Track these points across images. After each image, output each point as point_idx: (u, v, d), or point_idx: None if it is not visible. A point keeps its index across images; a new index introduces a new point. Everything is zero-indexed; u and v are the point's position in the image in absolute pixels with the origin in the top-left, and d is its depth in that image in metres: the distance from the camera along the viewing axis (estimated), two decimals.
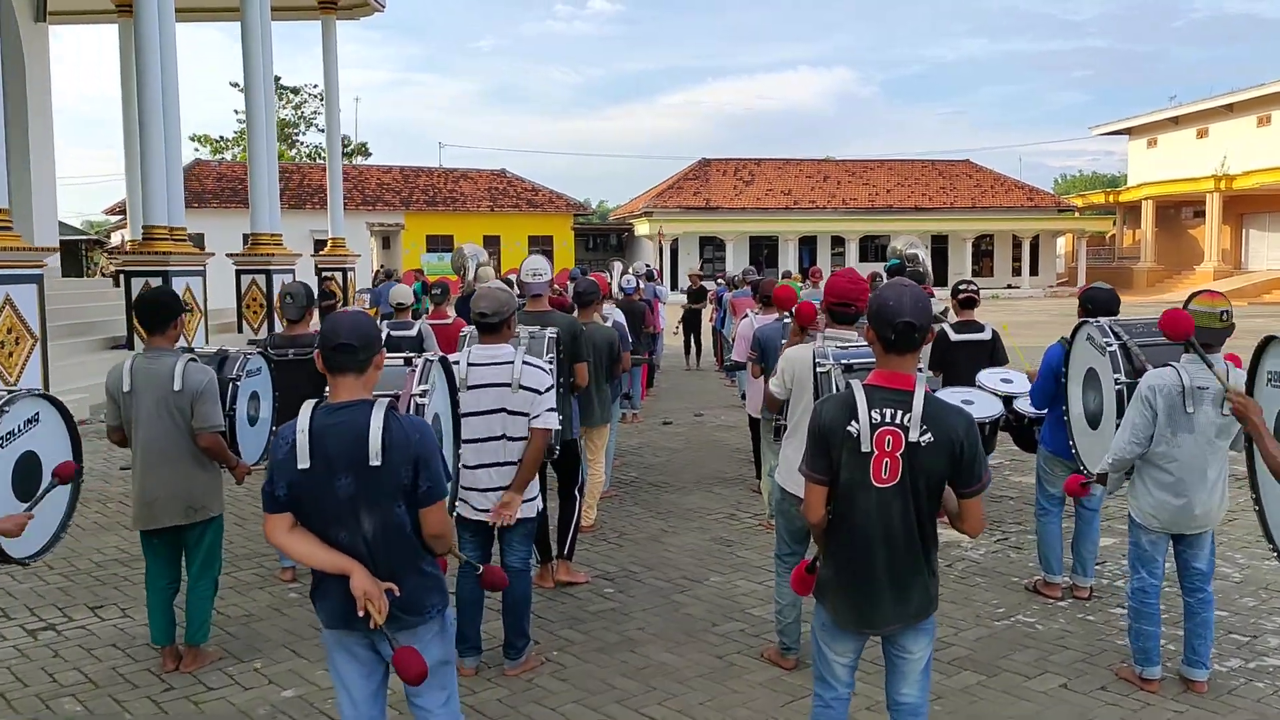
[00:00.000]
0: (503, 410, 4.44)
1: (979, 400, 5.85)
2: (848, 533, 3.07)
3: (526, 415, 4.43)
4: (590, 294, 6.91)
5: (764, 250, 46.46)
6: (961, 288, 6.78)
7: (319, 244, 43.68)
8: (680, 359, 17.10)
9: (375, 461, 2.87)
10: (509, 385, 4.42)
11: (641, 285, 12.81)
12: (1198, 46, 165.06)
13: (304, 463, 2.90)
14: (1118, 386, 4.43)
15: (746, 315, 8.67)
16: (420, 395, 3.55)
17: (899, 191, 49.18)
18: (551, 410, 4.43)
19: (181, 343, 4.80)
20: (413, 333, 7.53)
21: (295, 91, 70.40)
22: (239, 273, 19.55)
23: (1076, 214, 51.06)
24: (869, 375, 3.08)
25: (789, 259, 44.19)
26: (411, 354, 3.93)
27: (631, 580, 5.96)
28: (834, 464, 3.03)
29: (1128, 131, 54.30)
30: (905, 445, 2.95)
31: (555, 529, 5.92)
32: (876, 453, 2.97)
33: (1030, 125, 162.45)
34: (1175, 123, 49.98)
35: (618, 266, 14.56)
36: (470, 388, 4.41)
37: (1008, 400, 5.99)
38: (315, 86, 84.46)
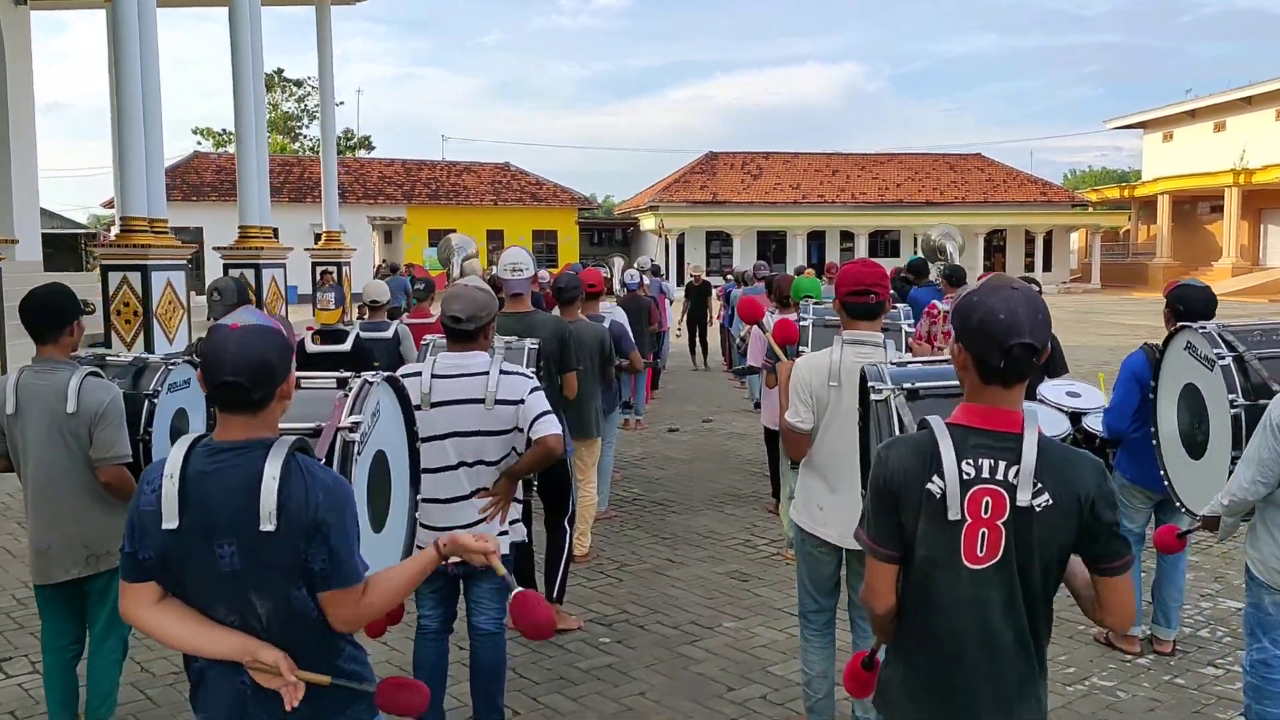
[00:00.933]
0: (475, 433, 3.60)
1: (1040, 416, 4.99)
2: (927, 627, 2.21)
3: (506, 433, 3.60)
4: (572, 289, 6.01)
5: (772, 245, 45.56)
6: None
7: (317, 237, 43.14)
8: (686, 359, 16.22)
9: (267, 526, 2.05)
10: (483, 401, 3.58)
11: (646, 281, 11.97)
12: (1208, 41, 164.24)
13: (170, 522, 2.08)
14: (1234, 410, 3.57)
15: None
16: (350, 430, 2.70)
17: (909, 186, 48.27)
18: (548, 413, 3.59)
19: (138, 353, 3.95)
20: (388, 334, 6.69)
21: (298, 84, 69.65)
22: (226, 267, 18.69)
23: (1090, 209, 50.11)
24: (955, 411, 2.22)
25: (797, 254, 43.30)
26: (349, 373, 3.07)
27: (632, 626, 5.12)
28: (906, 533, 2.18)
29: (1143, 125, 53.32)
30: (1011, 510, 2.10)
31: (542, 567, 5.08)
32: (970, 521, 2.12)
33: (1037, 121, 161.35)
34: (1192, 116, 48.96)
35: (618, 262, 13.73)
36: (434, 405, 3.57)
37: (1075, 417, 5.13)
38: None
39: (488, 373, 3.61)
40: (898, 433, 2.77)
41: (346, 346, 5.94)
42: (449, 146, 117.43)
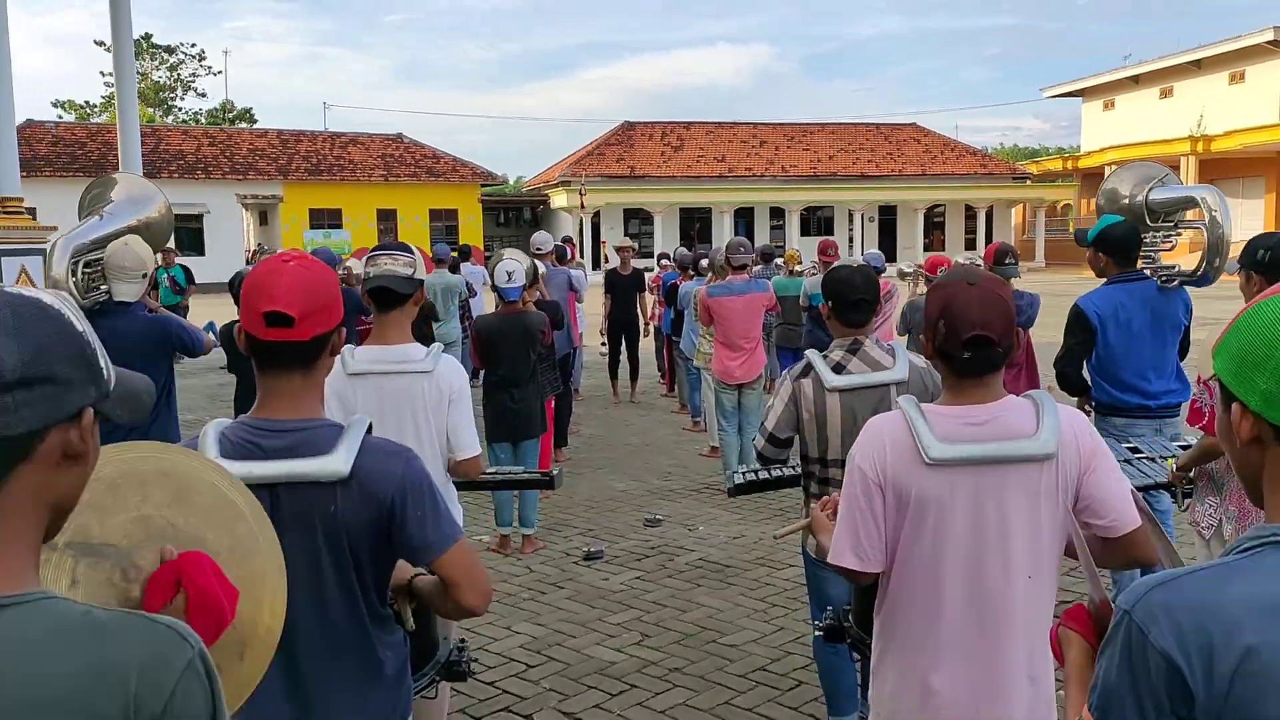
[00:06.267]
0: None
1: None
2: None
3: None
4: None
5: (696, 223, 41.28)
6: None
7: (178, 217, 37.20)
8: (602, 384, 11.18)
9: None
10: None
11: (543, 269, 7.13)
12: (1103, 22, 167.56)
13: None
14: None
15: (806, 366, 3.08)
16: None
17: (842, 158, 44.36)
18: None
19: None
20: None
21: (170, 51, 63.48)
22: None
23: (1028, 182, 47.05)
24: None
25: (724, 233, 38.85)
26: None
27: None
28: None
29: (1081, 93, 50.53)
30: None
31: None
32: None
33: (941, 101, 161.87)
34: (1135, 82, 46.17)
35: (545, 243, 8.79)
36: None
37: None
38: (193, 45, 76.40)
39: None
40: None
41: None
42: (344, 127, 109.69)
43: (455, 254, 12.04)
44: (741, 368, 6.74)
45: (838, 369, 3.02)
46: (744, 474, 3.59)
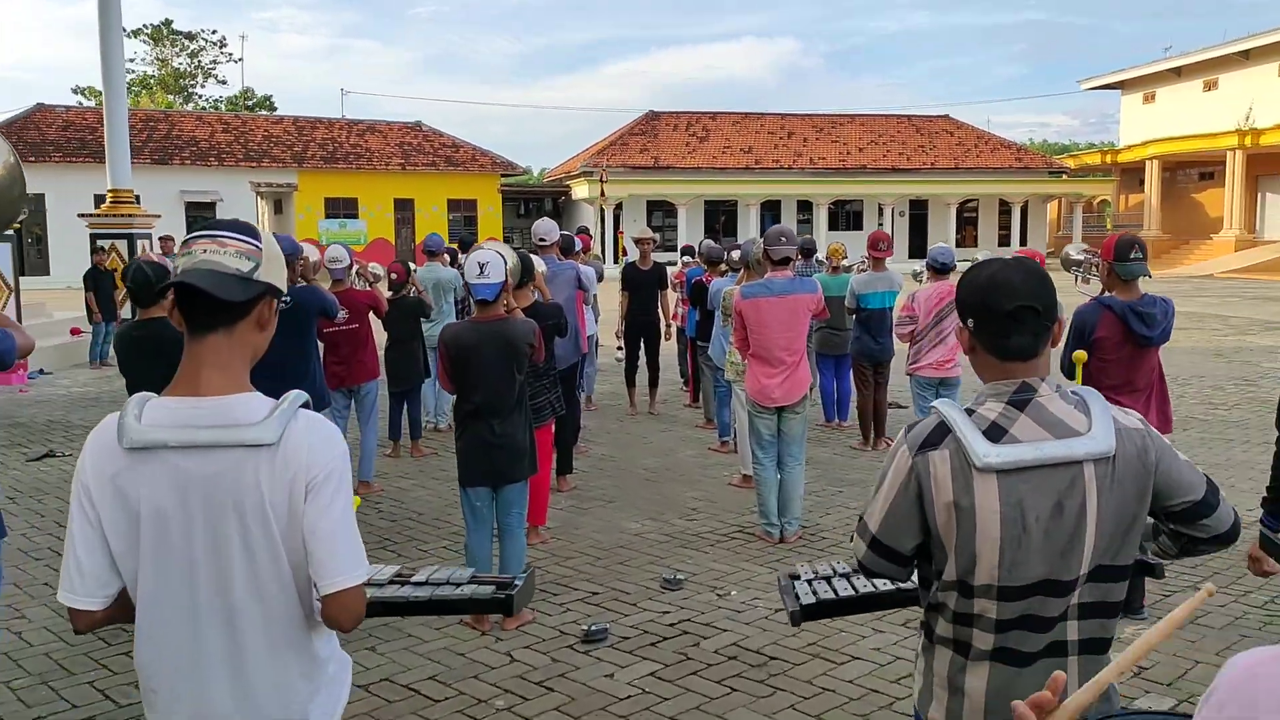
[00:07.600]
0: None
1: None
2: None
3: None
4: None
5: (721, 216, 40.09)
6: None
7: (190, 206, 36.25)
8: (618, 393, 9.89)
9: None
10: None
11: (542, 268, 5.91)
12: (1131, 19, 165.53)
13: None
14: None
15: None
16: None
17: (872, 150, 43.03)
18: None
19: None
20: None
21: (190, 37, 63.10)
22: None
23: (1065, 176, 45.43)
24: None
25: (749, 226, 37.69)
26: None
27: None
28: None
29: (1120, 85, 48.87)
30: None
31: None
32: None
33: (970, 97, 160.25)
34: (1178, 74, 44.47)
35: (548, 230, 7.40)
36: None
37: None
38: (214, 32, 75.68)
39: None
40: None
41: None
42: (359, 110, 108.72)
43: (456, 245, 10.88)
44: (782, 387, 5.49)
45: (995, 433, 1.76)
46: (811, 583, 2.34)
